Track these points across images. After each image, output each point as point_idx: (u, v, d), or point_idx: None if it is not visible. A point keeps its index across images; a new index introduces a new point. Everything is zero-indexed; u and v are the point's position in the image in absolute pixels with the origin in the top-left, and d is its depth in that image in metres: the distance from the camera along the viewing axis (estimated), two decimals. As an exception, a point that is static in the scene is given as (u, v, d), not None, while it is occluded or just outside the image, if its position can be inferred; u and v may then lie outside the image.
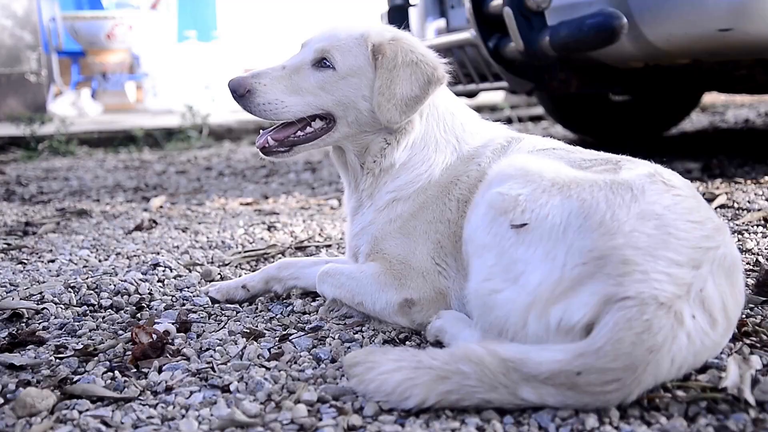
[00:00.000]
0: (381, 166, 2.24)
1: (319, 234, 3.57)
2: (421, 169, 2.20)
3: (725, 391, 1.58)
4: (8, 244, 3.55)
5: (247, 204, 4.66)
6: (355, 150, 2.27)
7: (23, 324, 2.34)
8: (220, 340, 2.10)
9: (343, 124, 2.21)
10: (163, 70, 12.10)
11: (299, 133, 2.23)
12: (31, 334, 2.16)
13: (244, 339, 2.11)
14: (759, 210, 3.44)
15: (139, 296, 2.55)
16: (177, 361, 1.95)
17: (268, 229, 3.76)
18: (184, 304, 2.48)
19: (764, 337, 1.91)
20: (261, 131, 2.28)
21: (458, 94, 5.45)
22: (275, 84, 2.17)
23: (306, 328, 2.20)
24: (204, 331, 2.21)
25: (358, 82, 2.17)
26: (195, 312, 2.38)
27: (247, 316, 2.35)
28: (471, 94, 5.26)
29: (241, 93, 2.16)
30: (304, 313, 2.37)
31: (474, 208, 1.88)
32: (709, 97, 10.27)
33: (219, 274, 2.87)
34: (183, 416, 1.64)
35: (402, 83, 2.11)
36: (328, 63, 2.17)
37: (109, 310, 2.46)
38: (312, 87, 2.18)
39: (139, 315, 2.38)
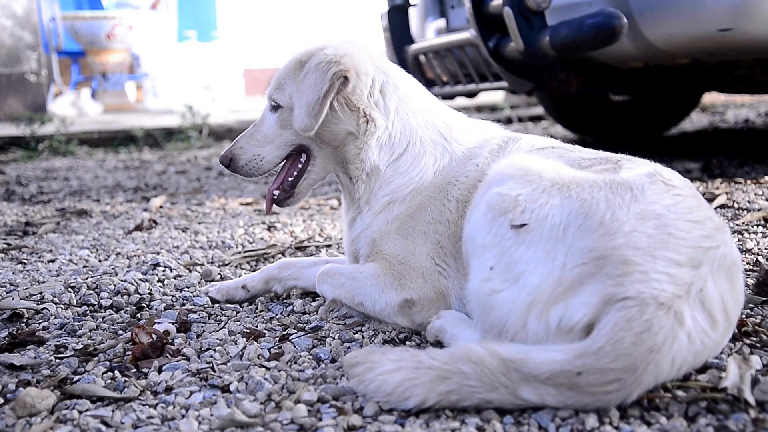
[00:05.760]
0: (366, 171, 2.24)
1: (319, 234, 3.57)
2: (413, 173, 2.20)
3: (725, 391, 1.58)
4: (8, 244, 3.55)
5: (247, 204, 4.66)
6: (341, 168, 2.31)
7: (23, 324, 2.34)
8: (220, 340, 2.10)
9: (315, 148, 2.28)
10: (163, 70, 12.09)
11: (294, 172, 2.32)
12: (31, 334, 2.16)
13: (244, 339, 2.11)
14: (759, 210, 3.44)
15: (139, 296, 2.55)
16: (177, 361, 1.95)
17: (268, 229, 3.76)
18: (184, 304, 2.48)
19: (764, 337, 1.91)
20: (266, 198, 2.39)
21: (458, 94, 5.46)
22: (249, 142, 2.32)
23: (306, 328, 2.20)
24: (204, 331, 2.21)
25: None
26: (195, 312, 2.38)
27: (247, 316, 2.35)
28: (471, 94, 5.26)
29: (227, 163, 2.35)
30: (304, 313, 2.37)
31: (474, 209, 1.88)
32: (709, 97, 10.27)
33: (219, 274, 2.87)
34: (183, 416, 1.64)
35: (308, 90, 2.16)
36: (276, 104, 2.28)
37: (109, 310, 2.47)
38: (276, 130, 2.29)
39: (139, 315, 2.38)
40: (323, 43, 2.26)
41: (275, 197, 2.34)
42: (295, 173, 2.32)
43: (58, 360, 1.99)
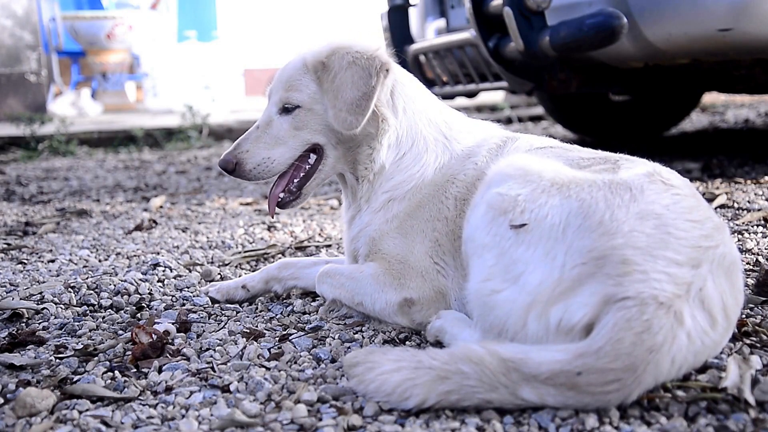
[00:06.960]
0: (373, 171, 2.24)
1: (319, 234, 3.57)
2: (414, 170, 2.20)
3: (725, 391, 1.58)
4: (8, 244, 3.55)
5: (247, 204, 4.66)
6: (350, 168, 2.29)
7: (23, 324, 2.34)
8: (220, 340, 2.10)
9: (330, 147, 2.24)
10: (163, 70, 12.10)
11: (300, 173, 2.27)
12: (31, 334, 2.16)
13: (244, 339, 2.11)
14: (759, 210, 3.44)
15: (139, 296, 2.55)
16: (177, 361, 1.95)
17: (268, 229, 3.76)
18: (184, 304, 2.48)
19: (764, 337, 1.91)
20: (268, 198, 2.34)
21: (458, 94, 5.45)
22: (256, 145, 2.24)
23: (306, 328, 2.20)
24: (204, 331, 2.21)
25: (321, 107, 2.20)
26: (195, 312, 2.38)
27: (247, 316, 2.35)
28: (471, 94, 5.26)
29: (231, 168, 2.24)
30: (304, 313, 2.37)
31: (473, 208, 1.88)
32: (709, 97, 10.27)
33: (219, 274, 2.87)
34: (183, 416, 1.64)
35: (346, 88, 2.12)
36: (291, 105, 2.22)
37: (109, 310, 2.47)
38: (289, 132, 2.23)
39: (139, 315, 2.38)
40: (343, 41, 2.22)
41: (280, 199, 2.31)
42: (302, 174, 2.29)
43: (58, 360, 1.99)
